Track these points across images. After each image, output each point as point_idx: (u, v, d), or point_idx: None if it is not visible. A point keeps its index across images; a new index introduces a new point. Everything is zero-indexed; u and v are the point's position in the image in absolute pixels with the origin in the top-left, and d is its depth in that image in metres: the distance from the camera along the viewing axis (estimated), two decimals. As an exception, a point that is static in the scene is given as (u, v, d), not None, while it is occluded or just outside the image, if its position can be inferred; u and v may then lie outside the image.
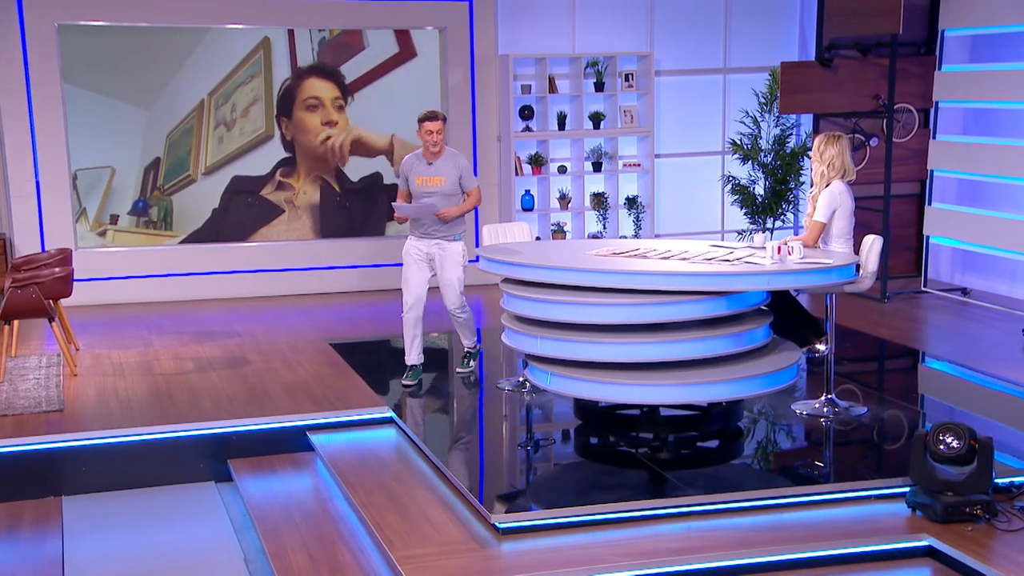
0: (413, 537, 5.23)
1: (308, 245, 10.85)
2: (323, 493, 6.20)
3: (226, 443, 6.75)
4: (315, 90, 10.70)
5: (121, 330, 9.29)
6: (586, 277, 6.07)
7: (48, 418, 6.80)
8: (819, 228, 6.73)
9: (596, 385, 6.07)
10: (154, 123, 10.41)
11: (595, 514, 5.35)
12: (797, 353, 6.37)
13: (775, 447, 6.41)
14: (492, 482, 5.96)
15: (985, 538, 5.06)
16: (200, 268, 10.58)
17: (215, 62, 10.45)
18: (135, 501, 6.46)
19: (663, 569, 4.98)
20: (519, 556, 5.05)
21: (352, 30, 10.71)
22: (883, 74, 10.18)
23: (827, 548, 5.13)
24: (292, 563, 5.25)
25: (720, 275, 5.96)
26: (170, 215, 10.54)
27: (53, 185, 10.12)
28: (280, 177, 10.73)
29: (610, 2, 11.18)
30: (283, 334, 9.09)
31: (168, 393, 7.35)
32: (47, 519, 6.12)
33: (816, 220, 6.73)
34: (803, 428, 6.58)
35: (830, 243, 6.82)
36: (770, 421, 6.72)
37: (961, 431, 5.33)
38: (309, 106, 10.68)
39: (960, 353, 8.26)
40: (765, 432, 6.62)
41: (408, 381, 7.44)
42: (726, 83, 11.54)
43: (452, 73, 10.85)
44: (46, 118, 10.03)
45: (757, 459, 6.22)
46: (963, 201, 10.42)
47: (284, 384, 7.55)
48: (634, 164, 11.25)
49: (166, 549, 5.85)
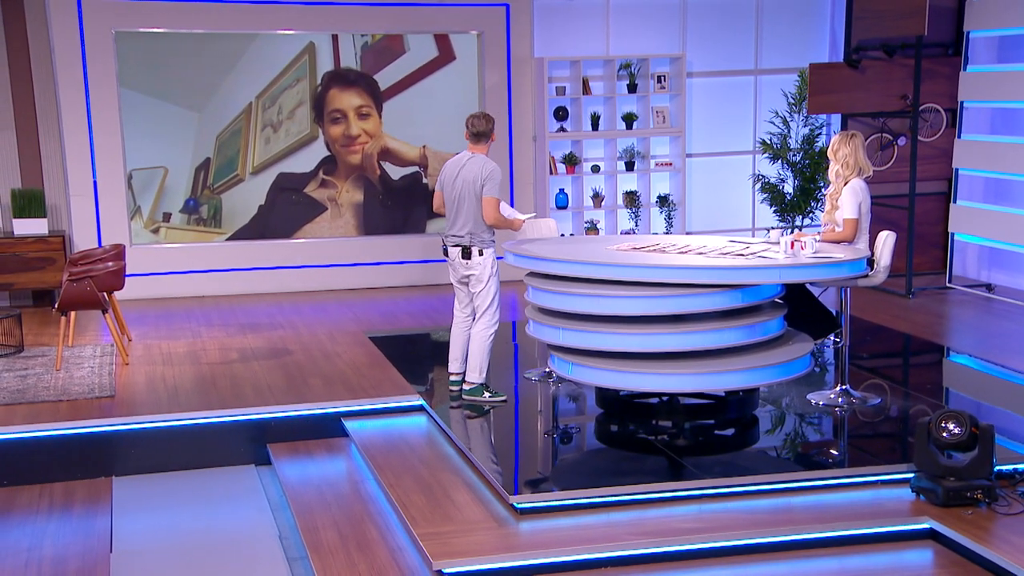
0: (436, 516, 5.51)
1: (351, 242, 11.20)
2: (355, 476, 6.52)
3: (265, 428, 7.09)
4: (337, 102, 11.03)
5: (172, 322, 9.70)
6: (607, 271, 6.30)
7: (100, 403, 7.17)
8: (854, 224, 6.86)
9: (616, 374, 6.32)
10: (205, 125, 10.82)
11: (610, 496, 5.60)
12: (810, 344, 6.58)
13: (789, 435, 6.62)
14: (514, 466, 6.21)
15: (985, 521, 5.25)
16: (247, 264, 10.98)
17: (262, 67, 10.84)
18: (180, 482, 6.81)
19: (675, 548, 5.23)
20: (536, 535, 5.30)
21: (393, 35, 11.05)
22: (910, 75, 10.32)
23: (832, 530, 5.35)
24: (322, 539, 5.57)
25: (734, 269, 6.19)
26: (219, 213, 10.95)
27: (110, 184, 10.55)
28: (324, 175, 11.10)
29: (643, 5, 11.43)
30: (324, 327, 9.44)
31: (212, 381, 7.72)
32: (98, 498, 6.49)
33: (848, 218, 6.86)
34: (818, 417, 6.80)
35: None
36: (786, 410, 6.94)
37: (963, 418, 5.52)
38: (333, 119, 11.04)
39: (982, 347, 8.40)
40: (780, 421, 6.84)
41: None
42: (757, 84, 11.74)
43: (489, 75, 11.16)
44: (103, 121, 10.44)
45: (771, 446, 6.43)
46: (989, 199, 10.54)
47: (322, 373, 7.89)
48: (666, 163, 11.49)
49: (206, 526, 6.19)
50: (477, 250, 6.90)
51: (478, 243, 6.90)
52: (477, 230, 6.89)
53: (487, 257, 6.92)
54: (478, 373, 7.07)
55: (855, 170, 6.93)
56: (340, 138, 11.05)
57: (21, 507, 6.35)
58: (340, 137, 11.05)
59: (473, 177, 6.84)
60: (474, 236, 6.89)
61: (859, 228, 6.91)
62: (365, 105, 11.08)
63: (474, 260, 6.92)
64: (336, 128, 11.04)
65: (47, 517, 6.19)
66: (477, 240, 6.90)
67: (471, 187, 6.85)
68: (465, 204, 6.88)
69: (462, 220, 6.91)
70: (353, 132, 11.08)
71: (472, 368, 7.08)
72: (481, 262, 6.91)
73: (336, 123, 11.05)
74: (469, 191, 6.86)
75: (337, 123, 11.05)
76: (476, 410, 7.03)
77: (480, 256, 6.90)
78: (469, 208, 6.87)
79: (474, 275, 6.96)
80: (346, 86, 11.03)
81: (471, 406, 7.06)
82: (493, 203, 6.79)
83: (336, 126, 11.04)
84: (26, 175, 10.48)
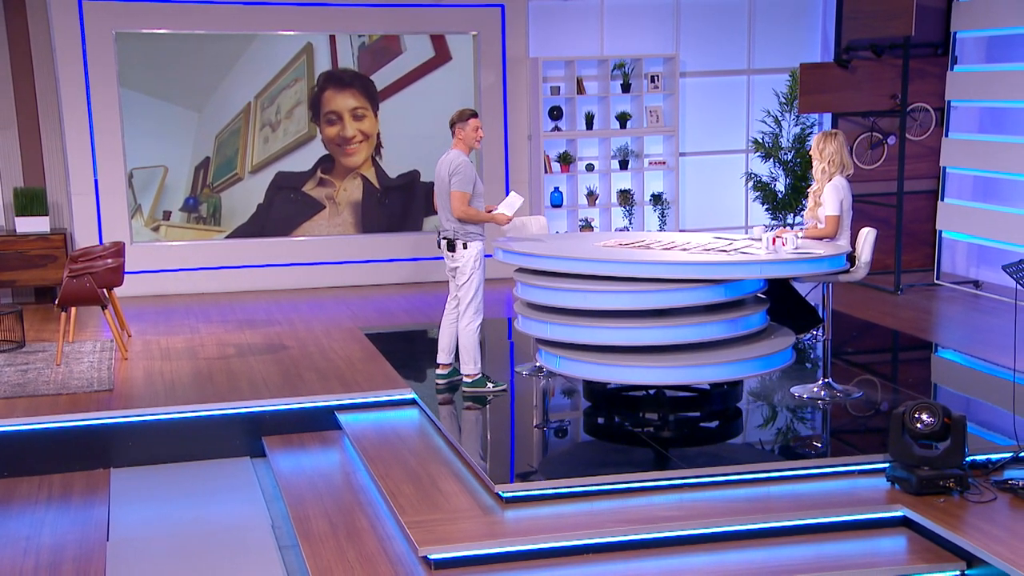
0: (424, 505, 5.66)
1: (348, 240, 11.35)
2: (347, 467, 6.66)
3: (260, 421, 7.25)
4: (333, 103, 11.18)
5: (171, 318, 9.86)
6: (593, 267, 6.44)
7: (99, 397, 7.32)
8: (835, 221, 6.98)
9: (602, 367, 6.47)
10: (204, 125, 10.97)
11: (592, 485, 5.74)
12: (792, 338, 6.72)
13: (771, 427, 6.75)
14: (502, 457, 6.36)
15: (956, 509, 5.39)
16: (246, 261, 11.14)
17: (261, 67, 10.99)
18: (176, 473, 6.96)
19: (655, 535, 5.37)
20: (520, 522, 5.45)
21: (390, 35, 11.19)
22: (899, 74, 10.44)
23: (808, 517, 5.49)
24: (313, 528, 5.72)
25: (716, 264, 6.32)
26: (219, 211, 11.10)
27: (110, 183, 10.70)
28: (322, 174, 11.25)
29: (637, 6, 11.56)
30: (320, 323, 9.59)
31: (209, 376, 7.87)
32: (96, 488, 6.65)
33: (830, 215, 6.99)
34: (800, 410, 6.93)
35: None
36: (769, 403, 7.08)
37: (935, 409, 5.65)
38: (329, 121, 11.19)
39: (967, 342, 8.53)
40: (764, 413, 6.97)
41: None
42: (750, 84, 11.88)
43: (485, 75, 11.30)
44: (104, 120, 10.59)
45: (754, 438, 6.57)
46: (978, 197, 10.66)
47: (317, 368, 8.04)
48: (659, 162, 11.63)
49: (202, 517, 6.33)
50: (462, 243, 7.09)
51: (462, 236, 7.09)
52: (457, 224, 7.08)
53: (471, 250, 7.09)
54: (473, 365, 7.23)
55: (839, 167, 7.06)
56: (336, 139, 11.20)
57: (21, 497, 6.51)
58: (336, 138, 11.20)
59: (445, 173, 7.09)
60: (459, 229, 7.08)
61: (841, 225, 7.04)
62: (361, 107, 11.22)
63: (458, 253, 7.11)
64: (331, 129, 11.19)
65: (46, 507, 6.35)
66: (462, 233, 7.09)
67: (443, 182, 7.12)
68: (442, 199, 7.16)
69: (443, 214, 7.18)
70: (348, 133, 11.23)
71: (465, 362, 7.23)
72: (465, 255, 7.10)
73: (331, 124, 11.20)
74: (442, 186, 7.13)
75: (332, 124, 11.20)
76: (470, 402, 7.17)
77: (464, 249, 7.09)
78: (444, 202, 7.13)
79: (458, 267, 7.15)
80: (342, 87, 11.18)
81: (470, 397, 7.22)
82: (458, 196, 7.00)
83: (331, 127, 11.20)
84: (28, 174, 10.64)
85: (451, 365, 7.48)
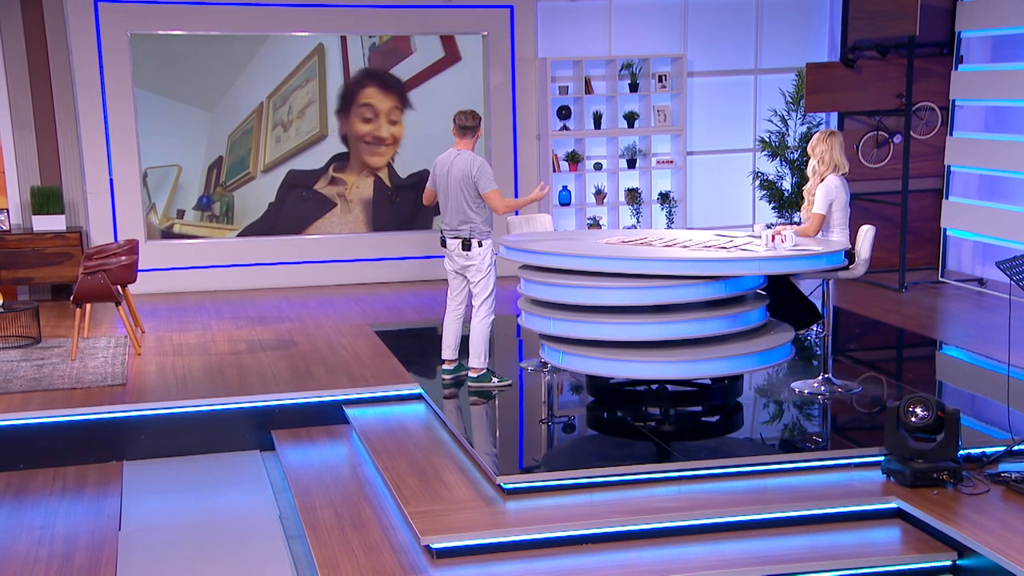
0: (427, 496, 5.78)
1: (360, 238, 11.48)
2: (354, 460, 6.79)
3: (270, 415, 7.37)
4: (372, 99, 11.31)
5: (183, 315, 10.01)
6: (596, 263, 6.53)
7: (112, 391, 7.47)
8: (819, 220, 7.11)
9: (604, 362, 6.57)
10: (217, 124, 11.12)
11: (593, 477, 5.85)
12: (791, 333, 6.81)
13: (772, 421, 6.84)
14: (505, 450, 6.46)
15: (950, 501, 5.48)
16: (257, 259, 11.27)
17: (273, 67, 11.13)
18: (187, 466, 7.09)
19: (653, 525, 5.47)
20: (521, 513, 5.56)
21: (401, 36, 11.32)
22: (905, 74, 10.49)
23: (805, 509, 5.58)
24: (319, 518, 5.84)
25: (716, 261, 6.43)
26: (231, 210, 11.25)
27: (125, 182, 10.86)
28: (333, 172, 11.38)
29: (644, 6, 11.66)
30: (330, 320, 9.72)
31: (220, 371, 8.01)
32: (109, 480, 6.80)
33: (815, 212, 7.11)
34: (800, 405, 7.01)
35: (830, 233, 7.22)
36: (770, 398, 7.17)
37: (929, 403, 5.73)
38: (365, 118, 11.30)
39: (970, 340, 8.59)
40: (764, 408, 7.07)
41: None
42: (757, 83, 11.96)
43: (494, 75, 11.42)
44: (119, 120, 10.75)
45: (754, 432, 6.67)
46: (983, 195, 10.72)
47: (326, 363, 8.17)
48: (667, 161, 11.72)
49: (211, 508, 6.46)
50: (476, 242, 7.25)
51: (477, 235, 7.24)
52: (475, 223, 7.20)
53: (486, 248, 7.26)
54: (481, 359, 7.35)
55: (831, 167, 7.14)
56: (366, 136, 11.32)
57: (36, 489, 6.66)
58: (367, 135, 11.32)
59: (463, 174, 7.16)
60: (473, 229, 7.22)
61: (828, 223, 7.10)
62: (396, 109, 11.37)
63: (474, 251, 7.25)
64: (365, 126, 11.31)
65: (60, 498, 6.50)
66: (476, 232, 7.24)
67: (461, 184, 7.17)
68: (458, 200, 7.22)
69: (457, 215, 7.24)
70: (383, 134, 11.36)
71: (475, 355, 7.36)
72: (480, 253, 7.26)
73: (367, 122, 11.31)
74: (460, 187, 7.18)
75: (368, 122, 11.32)
76: (475, 396, 7.28)
77: (479, 247, 7.25)
78: (462, 204, 7.21)
79: (473, 265, 7.28)
80: (384, 88, 11.30)
81: (475, 392, 7.33)
82: (496, 194, 7.16)
83: (366, 124, 11.31)
84: (45, 173, 10.80)
85: (456, 361, 7.59)
